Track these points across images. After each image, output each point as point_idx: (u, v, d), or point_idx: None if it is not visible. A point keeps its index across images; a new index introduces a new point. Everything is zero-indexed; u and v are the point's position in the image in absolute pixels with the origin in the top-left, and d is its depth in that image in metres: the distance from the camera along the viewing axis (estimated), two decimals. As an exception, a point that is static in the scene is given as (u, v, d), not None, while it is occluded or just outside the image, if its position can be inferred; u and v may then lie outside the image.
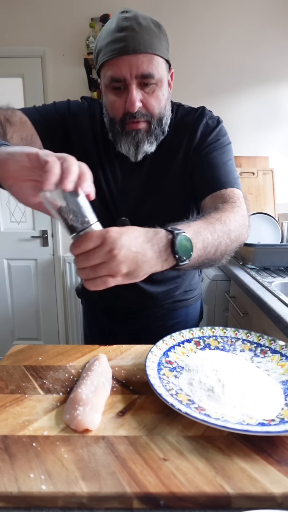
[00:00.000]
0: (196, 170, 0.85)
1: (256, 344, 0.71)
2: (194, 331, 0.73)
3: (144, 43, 0.71)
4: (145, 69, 0.72)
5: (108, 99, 0.79)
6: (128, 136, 0.79)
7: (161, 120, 0.80)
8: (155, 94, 0.77)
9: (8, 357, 0.71)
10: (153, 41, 0.73)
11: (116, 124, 0.79)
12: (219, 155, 0.84)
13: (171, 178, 0.87)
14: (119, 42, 0.71)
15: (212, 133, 0.85)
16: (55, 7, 2.14)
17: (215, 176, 0.81)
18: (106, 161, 0.88)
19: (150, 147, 0.81)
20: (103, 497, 0.40)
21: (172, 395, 0.53)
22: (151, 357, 0.63)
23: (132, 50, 0.71)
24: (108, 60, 0.73)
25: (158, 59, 0.74)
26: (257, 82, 2.24)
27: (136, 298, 0.98)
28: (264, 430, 0.46)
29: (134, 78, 0.73)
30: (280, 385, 0.58)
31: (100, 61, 0.76)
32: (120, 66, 0.72)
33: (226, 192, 0.79)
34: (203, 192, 0.82)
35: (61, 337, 2.60)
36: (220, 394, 0.54)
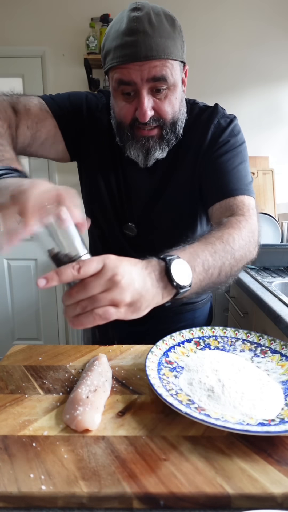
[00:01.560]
0: (204, 176, 0.80)
1: (256, 344, 0.70)
2: (194, 331, 0.73)
3: (157, 48, 0.64)
4: (158, 72, 0.66)
5: (117, 104, 0.73)
6: (138, 143, 0.74)
7: (174, 124, 0.74)
8: (168, 99, 0.71)
9: (8, 357, 0.71)
10: (167, 44, 0.66)
11: (125, 129, 0.74)
12: (229, 159, 0.79)
13: (179, 182, 0.82)
14: (129, 47, 0.64)
15: (224, 133, 0.79)
16: (55, 7, 2.14)
17: (224, 183, 0.76)
18: (120, 163, 0.83)
19: (162, 153, 0.76)
20: (103, 497, 0.40)
21: (172, 395, 0.53)
22: (151, 357, 0.63)
23: (144, 57, 0.64)
24: (117, 65, 0.67)
25: (172, 63, 0.68)
26: (257, 82, 2.24)
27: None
28: (264, 430, 0.46)
29: (145, 83, 0.67)
30: (280, 385, 0.58)
31: (108, 64, 0.70)
32: (130, 71, 0.66)
33: (235, 201, 0.74)
34: (211, 200, 0.78)
35: (61, 337, 2.60)
36: (220, 394, 0.54)
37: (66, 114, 0.80)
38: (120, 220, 0.85)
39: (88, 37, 2.04)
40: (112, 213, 0.85)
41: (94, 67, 2.17)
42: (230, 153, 0.79)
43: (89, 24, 2.07)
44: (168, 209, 0.84)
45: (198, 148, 0.81)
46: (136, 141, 0.74)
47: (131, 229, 0.85)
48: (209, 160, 0.79)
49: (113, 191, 0.84)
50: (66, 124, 0.80)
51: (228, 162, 0.78)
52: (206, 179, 0.80)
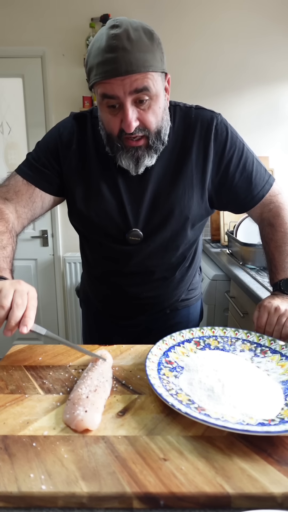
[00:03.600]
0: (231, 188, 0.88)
1: (256, 344, 0.71)
2: (194, 331, 0.73)
3: (136, 62, 0.68)
4: (139, 84, 0.70)
5: (103, 117, 0.77)
6: (128, 152, 0.78)
7: (159, 133, 0.78)
8: (152, 109, 0.74)
9: (8, 357, 0.71)
10: (146, 57, 0.69)
11: (115, 140, 0.77)
12: (243, 167, 0.86)
13: (180, 184, 0.84)
14: (110, 64, 0.68)
15: (226, 145, 0.85)
16: (55, 7, 2.14)
17: (251, 190, 0.88)
18: (112, 174, 0.85)
19: (151, 160, 0.80)
20: (103, 497, 0.40)
21: (172, 395, 0.53)
22: (151, 357, 0.63)
23: (125, 71, 0.68)
24: (100, 81, 0.71)
25: (152, 75, 0.71)
26: (257, 82, 2.24)
27: (140, 302, 0.97)
28: (264, 430, 0.46)
29: (128, 95, 0.70)
30: (280, 385, 0.58)
31: (92, 80, 0.73)
32: (113, 86, 0.70)
33: (268, 197, 0.90)
34: (246, 206, 0.92)
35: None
36: (220, 394, 0.54)
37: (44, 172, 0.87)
38: (126, 227, 0.86)
39: (88, 37, 2.04)
40: (119, 221, 0.86)
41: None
42: (241, 161, 0.87)
43: (89, 24, 2.07)
44: (171, 212, 0.85)
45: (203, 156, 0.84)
46: (126, 151, 0.78)
47: (136, 234, 0.86)
48: (225, 174, 0.86)
49: (116, 200, 0.85)
50: (47, 183, 0.88)
51: (245, 170, 0.87)
52: (234, 192, 0.89)
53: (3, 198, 0.86)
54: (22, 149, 2.36)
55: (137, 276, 0.92)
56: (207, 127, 0.84)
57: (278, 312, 0.77)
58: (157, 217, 0.85)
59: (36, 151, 0.90)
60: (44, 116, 2.29)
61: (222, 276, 1.76)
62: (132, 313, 1.00)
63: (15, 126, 2.34)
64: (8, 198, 0.86)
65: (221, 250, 2.00)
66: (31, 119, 2.30)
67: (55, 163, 0.87)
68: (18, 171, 0.88)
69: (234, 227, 1.78)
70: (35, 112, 2.29)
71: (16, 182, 0.87)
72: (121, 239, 0.87)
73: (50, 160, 0.87)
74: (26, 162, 0.89)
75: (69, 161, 0.86)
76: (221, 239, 2.10)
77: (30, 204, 0.87)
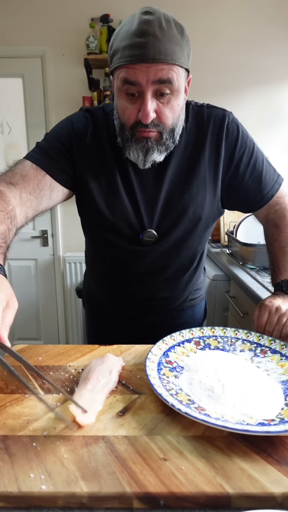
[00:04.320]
0: (237, 187, 0.88)
1: (256, 344, 0.71)
2: (194, 331, 0.73)
3: (165, 52, 0.66)
4: (164, 75, 0.68)
5: (120, 104, 0.75)
6: (138, 143, 0.76)
7: (173, 131, 0.77)
8: (170, 105, 0.73)
9: (8, 357, 0.71)
10: (175, 49, 0.67)
11: (126, 130, 0.76)
12: (253, 166, 0.87)
13: (193, 182, 0.84)
14: (138, 48, 0.66)
15: (237, 144, 0.85)
16: (55, 7, 2.14)
17: (260, 190, 0.89)
18: (127, 174, 0.84)
19: (159, 156, 0.78)
20: (103, 497, 0.40)
21: (172, 395, 0.53)
22: (151, 357, 0.63)
23: (152, 59, 0.66)
24: (125, 64, 0.69)
25: (178, 69, 0.70)
26: (258, 82, 2.25)
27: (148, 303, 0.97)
28: (264, 430, 0.46)
29: (150, 85, 0.68)
30: (280, 385, 0.58)
31: (115, 63, 0.71)
32: (137, 72, 0.68)
33: (275, 198, 0.91)
34: (255, 206, 0.92)
35: (61, 337, 2.60)
36: (220, 394, 0.54)
37: (57, 160, 0.82)
38: (141, 227, 0.85)
39: (88, 37, 2.04)
40: (134, 221, 0.85)
41: (94, 67, 2.17)
42: (251, 160, 0.87)
43: (89, 24, 2.07)
44: (185, 212, 0.84)
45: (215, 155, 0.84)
46: (136, 142, 0.76)
47: (151, 235, 0.85)
48: (236, 173, 0.86)
49: (132, 200, 0.85)
50: (59, 172, 0.83)
51: (255, 170, 0.87)
52: (244, 192, 0.89)
53: (7, 183, 0.79)
54: (22, 149, 2.36)
55: (147, 276, 0.92)
56: (219, 126, 0.84)
57: (279, 312, 0.77)
58: (170, 217, 0.85)
59: (46, 140, 0.85)
60: (44, 116, 2.29)
61: (222, 276, 1.76)
62: (138, 314, 0.99)
63: (15, 126, 2.34)
64: (13, 183, 0.79)
65: (221, 250, 2.00)
66: (31, 119, 2.30)
67: (68, 154, 0.83)
68: (27, 157, 0.83)
69: (234, 227, 1.78)
70: (35, 112, 2.29)
71: (23, 167, 0.81)
72: (135, 239, 0.86)
73: (62, 149, 0.83)
74: (36, 149, 0.84)
75: (84, 155, 0.83)
76: (221, 239, 2.10)
77: (37, 191, 0.80)
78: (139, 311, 0.99)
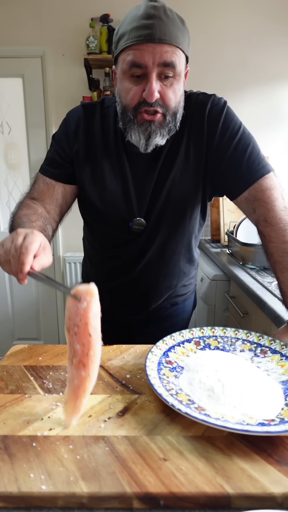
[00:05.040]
0: (219, 169, 0.84)
1: (256, 344, 0.70)
2: (194, 331, 0.73)
3: (170, 34, 0.71)
4: (168, 57, 0.71)
5: (124, 86, 0.77)
6: (140, 126, 0.77)
7: (175, 115, 0.79)
8: (173, 88, 0.76)
9: (8, 357, 0.71)
10: (178, 34, 0.72)
11: (129, 111, 0.77)
12: (235, 147, 0.82)
13: (181, 170, 0.85)
14: (145, 29, 0.70)
15: (219, 123, 0.83)
16: (55, 7, 2.14)
17: (240, 174, 0.82)
18: (119, 164, 0.87)
19: (162, 140, 0.80)
20: (103, 497, 0.40)
21: (172, 395, 0.53)
22: (151, 357, 0.63)
23: (158, 39, 0.70)
24: (131, 45, 0.72)
25: (180, 53, 0.74)
26: (258, 82, 2.24)
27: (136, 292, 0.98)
28: (264, 430, 0.46)
29: (155, 66, 0.72)
30: (280, 385, 0.58)
31: (121, 46, 0.74)
32: (143, 52, 0.71)
33: (258, 187, 0.81)
34: (234, 193, 0.84)
35: (61, 337, 2.60)
36: (220, 394, 0.54)
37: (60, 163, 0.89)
38: (130, 216, 0.88)
39: (88, 37, 2.04)
40: (123, 210, 0.88)
41: (94, 67, 2.17)
42: (234, 141, 0.83)
43: (89, 24, 2.07)
44: (172, 199, 0.86)
45: (197, 138, 0.85)
46: (139, 125, 0.78)
47: (140, 223, 0.88)
48: (218, 155, 0.84)
49: (123, 189, 0.87)
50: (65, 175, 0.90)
51: (236, 152, 0.82)
52: (221, 174, 0.85)
53: (30, 198, 0.89)
54: (22, 149, 2.36)
55: (136, 264, 0.94)
56: (202, 110, 0.85)
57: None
58: (158, 206, 0.87)
59: (51, 144, 0.93)
60: (44, 116, 2.29)
61: (222, 276, 1.76)
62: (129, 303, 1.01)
63: (15, 126, 2.34)
64: (35, 198, 0.88)
65: (221, 250, 2.00)
66: (31, 119, 2.30)
67: (66, 151, 0.89)
68: (40, 170, 0.92)
69: (234, 227, 1.78)
70: (35, 112, 2.29)
71: (38, 184, 0.90)
72: (125, 228, 0.88)
73: (61, 150, 0.89)
74: (45, 160, 0.92)
75: (77, 149, 0.88)
76: (221, 239, 2.10)
77: (54, 201, 0.89)
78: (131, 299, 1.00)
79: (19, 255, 0.58)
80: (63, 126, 0.91)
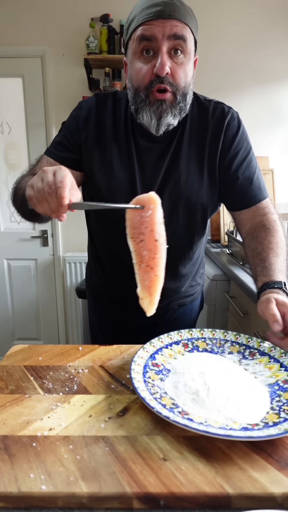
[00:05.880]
0: (227, 183, 0.88)
1: (245, 346, 0.70)
2: (183, 333, 0.72)
3: (179, 12, 0.73)
4: (178, 30, 0.73)
5: (135, 68, 0.77)
6: (152, 106, 0.78)
7: (185, 95, 0.79)
8: (183, 66, 0.76)
9: (8, 357, 0.71)
10: (186, 15, 0.74)
11: (141, 92, 0.78)
12: (247, 165, 0.88)
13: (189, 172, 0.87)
14: (155, 7, 0.72)
15: (235, 140, 0.87)
16: (55, 7, 2.14)
17: (248, 192, 0.88)
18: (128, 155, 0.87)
19: (173, 120, 0.80)
20: (103, 497, 0.40)
21: (156, 399, 0.52)
22: (137, 360, 0.62)
23: (168, 15, 0.72)
24: (142, 23, 0.73)
25: (189, 31, 0.75)
26: (258, 82, 2.24)
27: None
28: (246, 435, 0.45)
29: (166, 40, 0.73)
30: (267, 388, 0.57)
31: (132, 27, 0.75)
32: (153, 27, 0.72)
33: (260, 205, 0.88)
34: (238, 206, 0.90)
35: (61, 337, 2.60)
36: (205, 398, 0.53)
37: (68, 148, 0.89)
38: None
39: (88, 37, 2.04)
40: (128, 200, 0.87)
41: (94, 67, 2.16)
42: (246, 160, 0.88)
43: (89, 24, 2.07)
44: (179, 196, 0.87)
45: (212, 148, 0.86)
46: (150, 105, 0.78)
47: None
48: (228, 167, 0.87)
49: (129, 181, 0.87)
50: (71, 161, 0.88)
51: (246, 170, 0.88)
52: (227, 188, 0.89)
53: (32, 174, 0.85)
54: (22, 149, 2.36)
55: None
56: (221, 120, 0.87)
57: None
58: (165, 200, 0.86)
59: (60, 130, 0.93)
60: (44, 116, 2.29)
61: (222, 276, 1.76)
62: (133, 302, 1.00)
63: (15, 126, 2.34)
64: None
65: (221, 250, 2.00)
66: (31, 119, 2.30)
67: (75, 137, 0.89)
68: (45, 152, 0.91)
69: (234, 227, 1.78)
70: (35, 112, 2.29)
71: (42, 163, 0.89)
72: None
73: (71, 136, 0.89)
74: (52, 143, 0.92)
75: (86, 136, 0.88)
76: (221, 239, 2.10)
77: None
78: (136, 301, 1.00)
79: (55, 190, 0.58)
80: (74, 112, 0.91)
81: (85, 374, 0.64)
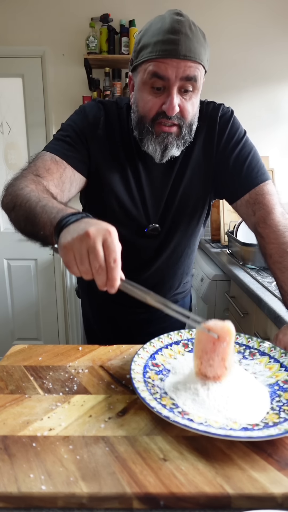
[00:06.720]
0: (221, 174, 0.88)
1: (245, 346, 0.69)
2: (183, 333, 0.72)
3: (194, 50, 0.71)
4: (191, 72, 0.72)
5: (143, 97, 0.77)
6: (157, 137, 0.78)
7: (191, 127, 0.80)
8: (192, 101, 0.77)
9: (8, 357, 0.71)
10: (201, 50, 0.73)
11: (146, 123, 0.78)
12: (239, 153, 0.86)
13: (193, 178, 0.88)
14: (171, 44, 0.70)
15: (227, 129, 0.87)
16: (55, 7, 2.14)
17: (241, 179, 0.85)
18: (136, 168, 0.87)
19: (177, 151, 0.81)
20: (103, 497, 0.40)
21: (156, 399, 0.52)
22: (137, 360, 0.62)
23: (183, 55, 0.71)
24: (155, 58, 0.72)
25: (201, 69, 0.75)
26: (257, 82, 2.24)
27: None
28: (246, 436, 0.45)
29: (178, 80, 0.73)
30: (267, 388, 0.57)
31: (144, 57, 0.74)
32: (167, 66, 0.72)
33: (258, 191, 0.84)
34: (234, 196, 0.88)
35: (61, 337, 2.60)
36: (205, 398, 0.53)
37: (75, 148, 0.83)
38: (147, 221, 0.89)
39: (88, 37, 2.04)
40: (141, 216, 0.89)
41: (94, 67, 2.16)
42: (238, 147, 0.87)
43: (89, 24, 2.07)
44: (185, 205, 0.89)
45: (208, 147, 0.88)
46: (156, 136, 0.78)
47: (155, 229, 0.89)
48: (222, 159, 0.87)
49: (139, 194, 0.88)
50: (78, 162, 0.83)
51: (240, 157, 0.86)
52: (224, 178, 0.88)
53: (35, 174, 0.78)
54: (22, 149, 2.36)
55: (143, 266, 0.94)
56: (214, 119, 0.87)
57: None
58: (173, 212, 0.88)
59: (63, 129, 0.87)
60: (44, 116, 2.29)
61: (222, 276, 1.76)
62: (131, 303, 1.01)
63: (15, 126, 2.34)
64: (40, 175, 0.78)
65: (221, 250, 2.00)
66: (31, 119, 2.30)
67: (84, 142, 0.85)
68: (47, 149, 0.83)
69: (234, 227, 1.78)
70: (35, 112, 2.29)
71: (44, 161, 0.80)
72: (140, 232, 0.90)
73: (78, 137, 0.84)
74: (54, 140, 0.85)
75: (96, 145, 0.85)
76: (221, 239, 2.10)
77: (61, 185, 0.80)
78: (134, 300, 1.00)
79: (106, 270, 0.51)
80: (80, 115, 0.86)
81: (85, 374, 0.64)
